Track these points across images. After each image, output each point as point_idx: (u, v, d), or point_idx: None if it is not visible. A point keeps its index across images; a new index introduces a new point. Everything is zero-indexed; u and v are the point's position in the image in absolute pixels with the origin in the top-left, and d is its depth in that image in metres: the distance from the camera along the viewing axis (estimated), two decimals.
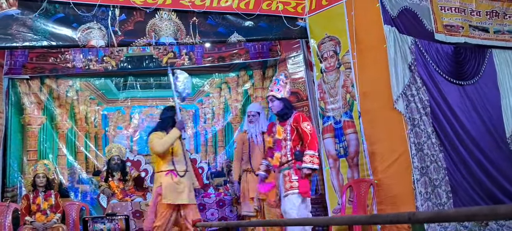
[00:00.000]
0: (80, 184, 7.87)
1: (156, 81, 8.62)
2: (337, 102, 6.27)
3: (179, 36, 6.20)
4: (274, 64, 8.43)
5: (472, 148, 6.14)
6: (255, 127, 5.88)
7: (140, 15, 6.06)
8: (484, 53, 6.66)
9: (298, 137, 4.91)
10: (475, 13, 6.67)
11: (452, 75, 6.27)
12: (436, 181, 5.70)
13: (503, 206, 1.27)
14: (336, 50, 6.29)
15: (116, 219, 4.90)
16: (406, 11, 6.08)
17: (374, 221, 2.04)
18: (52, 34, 5.73)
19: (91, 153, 8.13)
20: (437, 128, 5.91)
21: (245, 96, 8.68)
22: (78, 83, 8.23)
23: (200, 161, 8.26)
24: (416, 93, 5.81)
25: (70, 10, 5.75)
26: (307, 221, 3.64)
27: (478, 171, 6.09)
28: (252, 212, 5.69)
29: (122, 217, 4.93)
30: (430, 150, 5.76)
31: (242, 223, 5.64)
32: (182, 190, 5.00)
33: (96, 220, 4.86)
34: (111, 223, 4.81)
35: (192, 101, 8.79)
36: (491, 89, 6.61)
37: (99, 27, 5.86)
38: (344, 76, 6.19)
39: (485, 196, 6.04)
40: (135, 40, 6.06)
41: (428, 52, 6.11)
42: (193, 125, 8.75)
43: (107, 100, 8.43)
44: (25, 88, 7.77)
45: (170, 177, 5.00)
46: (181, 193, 4.98)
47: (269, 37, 6.79)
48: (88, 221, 4.85)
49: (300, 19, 6.61)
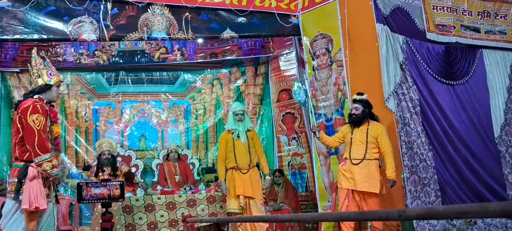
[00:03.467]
0: (70, 178, 7.82)
1: (148, 77, 8.59)
2: (328, 100, 6.29)
3: (172, 31, 6.18)
4: (266, 61, 8.44)
5: (461, 147, 6.19)
6: (243, 125, 5.89)
7: (133, 9, 6.04)
8: (475, 53, 6.71)
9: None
10: (467, 13, 6.72)
11: (443, 75, 6.31)
12: (425, 179, 5.74)
13: (493, 204, 1.28)
14: (329, 48, 6.31)
15: (111, 184, 4.87)
16: (398, 10, 6.11)
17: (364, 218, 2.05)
18: (43, 28, 5.68)
19: (81, 148, 8.09)
20: (426, 127, 5.95)
21: (237, 92, 8.68)
22: (69, 77, 8.18)
23: (191, 156, 8.25)
24: (407, 92, 5.84)
25: (61, 3, 5.71)
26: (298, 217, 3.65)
27: (466, 170, 6.15)
28: (238, 209, 5.71)
29: (117, 182, 4.90)
30: (420, 148, 5.80)
31: (232, 219, 5.63)
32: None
33: (90, 185, 4.83)
34: (105, 188, 4.77)
35: (184, 97, 8.78)
36: (480, 90, 6.66)
37: (90, 21, 5.83)
38: (336, 74, 6.21)
39: (473, 195, 6.10)
40: (127, 34, 6.03)
41: (419, 51, 6.15)
42: (185, 121, 8.74)
43: (98, 95, 8.39)
44: (16, 81, 7.71)
45: None
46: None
47: (261, 34, 6.78)
48: (82, 186, 4.81)
49: (293, 16, 6.62)
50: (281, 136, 8.06)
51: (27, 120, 3.83)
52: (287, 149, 7.94)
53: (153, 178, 7.88)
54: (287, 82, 8.03)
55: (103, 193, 4.73)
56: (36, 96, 4.00)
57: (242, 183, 5.74)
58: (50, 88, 4.07)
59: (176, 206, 6.10)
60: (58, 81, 4.12)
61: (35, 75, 4.09)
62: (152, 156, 8.34)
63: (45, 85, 4.05)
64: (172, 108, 8.74)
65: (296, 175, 7.79)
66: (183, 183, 7.22)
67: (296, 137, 7.84)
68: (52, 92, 4.09)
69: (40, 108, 3.88)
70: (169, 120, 8.70)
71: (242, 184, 5.73)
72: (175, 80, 8.76)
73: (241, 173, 5.78)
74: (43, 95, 4.04)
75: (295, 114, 7.91)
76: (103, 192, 4.76)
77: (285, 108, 8.05)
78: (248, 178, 5.78)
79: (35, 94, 4.02)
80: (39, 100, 3.96)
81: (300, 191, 7.54)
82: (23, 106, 3.88)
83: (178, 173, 7.48)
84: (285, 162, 7.94)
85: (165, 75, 8.71)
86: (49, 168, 3.84)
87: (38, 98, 3.99)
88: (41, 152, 3.82)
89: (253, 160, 5.87)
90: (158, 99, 8.70)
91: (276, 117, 8.15)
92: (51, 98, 4.11)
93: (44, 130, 3.87)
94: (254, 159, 5.89)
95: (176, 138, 8.61)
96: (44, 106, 3.96)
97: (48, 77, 4.08)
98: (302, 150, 7.76)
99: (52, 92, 4.09)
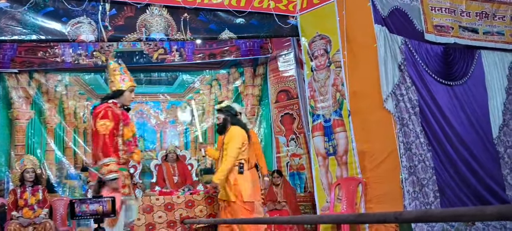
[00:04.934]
0: (68, 179, 7.81)
1: (146, 77, 8.58)
2: (327, 101, 6.29)
3: (170, 32, 6.17)
4: (265, 62, 8.44)
5: (460, 148, 6.19)
6: None
7: (131, 10, 6.03)
8: (473, 54, 6.71)
9: None
10: (465, 14, 6.72)
11: (441, 76, 6.31)
12: (424, 180, 5.74)
13: (490, 207, 1.28)
14: (327, 48, 6.31)
15: (103, 200, 4.95)
16: (396, 11, 6.11)
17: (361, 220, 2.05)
18: (41, 28, 5.67)
19: (79, 148, 8.07)
20: (425, 127, 5.95)
21: (236, 93, 8.67)
22: (67, 78, 8.17)
23: (189, 157, 8.24)
24: (405, 93, 5.84)
25: (59, 4, 5.70)
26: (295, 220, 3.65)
27: (465, 170, 6.14)
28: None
29: (109, 198, 4.97)
30: (418, 149, 5.80)
31: (230, 220, 5.63)
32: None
33: (83, 202, 4.88)
34: (98, 204, 4.85)
35: (182, 98, 8.77)
36: (479, 90, 6.66)
37: (89, 22, 5.82)
38: (334, 75, 6.21)
39: (472, 195, 6.10)
40: (125, 35, 6.02)
41: (418, 52, 6.15)
42: (183, 122, 8.73)
43: (96, 96, 8.37)
44: (14, 82, 7.69)
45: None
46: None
47: (260, 35, 6.78)
48: (75, 203, 4.86)
49: (291, 17, 6.62)
50: (279, 137, 8.06)
51: (95, 125, 4.08)
52: (286, 150, 7.94)
53: (151, 179, 7.87)
54: (285, 83, 8.03)
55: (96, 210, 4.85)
56: (110, 101, 4.22)
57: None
58: (123, 93, 4.29)
59: (175, 207, 6.09)
60: (131, 87, 4.33)
61: (110, 81, 4.35)
62: (150, 157, 8.32)
63: (118, 91, 4.27)
64: (170, 109, 8.73)
65: (294, 176, 7.78)
66: (181, 184, 7.21)
67: (295, 137, 7.84)
68: (125, 97, 4.32)
69: (110, 113, 4.10)
70: (168, 120, 8.69)
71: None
72: (174, 81, 8.75)
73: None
74: (117, 100, 4.26)
75: (293, 115, 7.91)
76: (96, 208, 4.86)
77: (283, 109, 8.05)
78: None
79: (109, 99, 4.24)
80: (113, 105, 4.18)
81: (298, 192, 7.53)
82: (96, 111, 4.15)
83: (177, 174, 7.47)
84: (284, 163, 7.94)
85: (163, 76, 8.70)
86: (105, 172, 3.97)
87: (113, 103, 4.21)
88: (102, 156, 4.01)
89: (251, 161, 5.87)
90: (157, 100, 8.69)
91: (275, 118, 8.15)
92: (124, 102, 4.33)
93: (111, 135, 4.07)
94: (253, 160, 5.89)
95: (174, 138, 8.60)
96: (116, 111, 4.16)
97: (121, 83, 4.31)
98: (301, 151, 7.75)
99: (124, 97, 4.31)
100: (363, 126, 5.88)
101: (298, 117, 7.82)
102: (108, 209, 4.64)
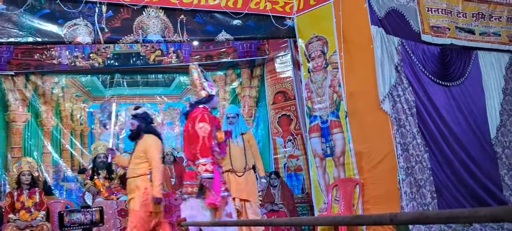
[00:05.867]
0: (65, 182, 7.80)
1: (143, 79, 8.57)
2: (324, 102, 6.29)
3: (167, 34, 6.16)
4: (262, 63, 8.43)
5: (457, 148, 6.19)
6: (235, 128, 5.88)
7: (127, 12, 6.02)
8: (470, 55, 6.72)
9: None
10: (461, 15, 6.73)
11: (438, 77, 6.32)
12: (421, 181, 5.74)
13: (484, 209, 1.28)
14: (324, 50, 6.31)
15: (91, 211, 4.96)
16: (393, 12, 6.12)
17: (357, 222, 2.05)
18: (37, 30, 5.66)
19: (76, 151, 8.06)
20: (422, 128, 5.95)
21: (233, 95, 8.67)
22: (64, 80, 8.16)
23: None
24: (402, 93, 5.84)
25: (56, 6, 5.69)
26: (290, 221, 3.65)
27: (462, 171, 6.15)
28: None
29: (97, 208, 4.99)
30: (415, 150, 5.80)
31: (228, 222, 5.62)
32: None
33: (71, 212, 4.89)
34: (87, 215, 4.88)
35: (180, 100, 8.76)
36: (476, 91, 6.67)
37: (85, 24, 5.81)
38: (331, 76, 6.21)
39: (469, 196, 6.10)
40: (122, 37, 6.01)
41: (415, 53, 6.15)
42: (180, 124, 8.73)
43: (93, 98, 8.37)
44: (10, 84, 7.68)
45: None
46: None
47: (257, 36, 6.78)
48: (64, 214, 4.87)
49: (288, 18, 6.62)
50: (277, 138, 8.05)
51: (194, 127, 4.36)
52: (283, 151, 7.94)
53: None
54: (282, 85, 8.03)
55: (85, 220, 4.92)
56: (201, 105, 4.49)
57: (237, 185, 5.73)
58: (212, 98, 4.60)
59: (172, 209, 6.08)
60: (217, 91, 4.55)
61: (199, 88, 4.58)
62: None
63: (209, 96, 4.55)
64: (167, 111, 8.72)
65: (292, 177, 7.78)
66: (178, 186, 7.20)
67: (292, 139, 7.84)
68: (214, 101, 4.65)
69: (207, 117, 4.38)
70: (165, 122, 8.68)
71: (238, 186, 5.72)
72: (171, 82, 8.74)
73: (237, 176, 5.77)
74: (207, 105, 4.52)
75: (291, 117, 7.91)
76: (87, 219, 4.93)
77: (280, 111, 8.05)
78: (244, 180, 5.77)
79: (201, 104, 4.50)
80: (204, 110, 4.46)
81: (296, 193, 7.53)
82: (192, 115, 4.45)
83: (174, 176, 7.46)
84: (281, 164, 7.94)
85: (160, 78, 8.69)
86: (202, 171, 4.29)
87: (203, 108, 4.47)
88: (201, 156, 4.30)
89: (249, 163, 5.87)
90: (154, 102, 8.68)
91: (272, 119, 8.15)
92: (213, 106, 4.68)
93: (210, 137, 4.33)
94: (250, 161, 5.89)
95: (171, 140, 8.59)
96: (210, 115, 4.45)
97: (210, 89, 4.60)
98: (298, 152, 7.75)
99: (214, 101, 4.64)
100: (360, 127, 5.88)
101: (295, 118, 7.82)
102: (97, 218, 4.68)
